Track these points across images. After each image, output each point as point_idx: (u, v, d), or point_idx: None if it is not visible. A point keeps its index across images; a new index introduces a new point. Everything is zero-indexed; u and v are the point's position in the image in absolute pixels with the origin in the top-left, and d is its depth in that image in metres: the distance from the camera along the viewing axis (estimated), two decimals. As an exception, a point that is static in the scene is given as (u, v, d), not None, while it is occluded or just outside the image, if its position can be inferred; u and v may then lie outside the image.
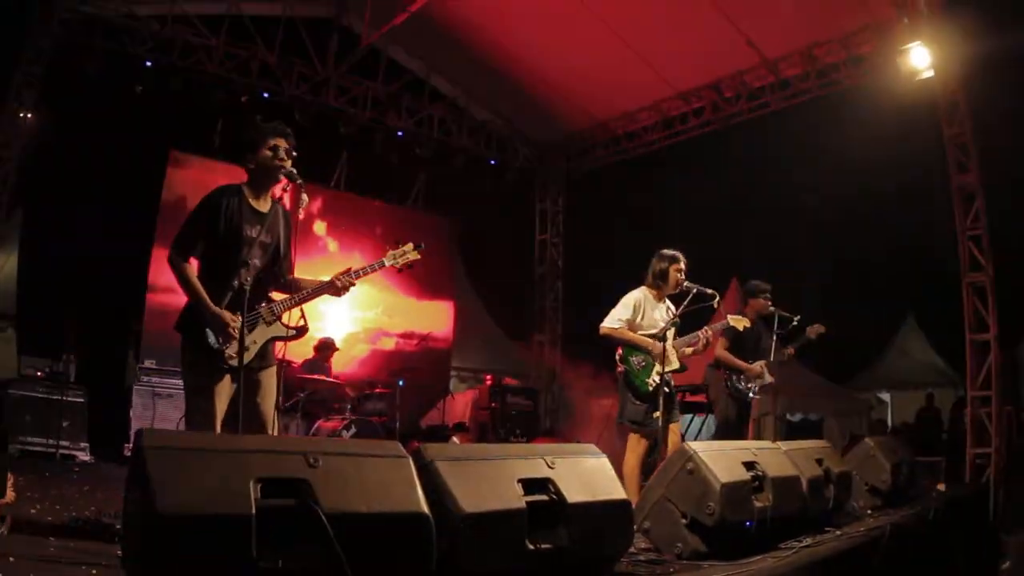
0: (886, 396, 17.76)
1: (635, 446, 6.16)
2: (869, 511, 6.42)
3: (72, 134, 10.68)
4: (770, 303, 7.56)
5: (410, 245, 4.64)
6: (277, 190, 4.41)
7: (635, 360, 6.23)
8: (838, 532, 5.26)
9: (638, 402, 6.16)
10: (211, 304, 4.08)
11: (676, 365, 6.23)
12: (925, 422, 14.71)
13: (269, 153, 4.29)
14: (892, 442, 7.49)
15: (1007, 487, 5.59)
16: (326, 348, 10.21)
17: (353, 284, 4.43)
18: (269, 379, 4.33)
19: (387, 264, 4.60)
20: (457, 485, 2.98)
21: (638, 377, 6.18)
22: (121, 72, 11.16)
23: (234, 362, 4.04)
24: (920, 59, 10.12)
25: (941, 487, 8.81)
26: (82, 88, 10.86)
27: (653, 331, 6.25)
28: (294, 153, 4.35)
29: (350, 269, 4.44)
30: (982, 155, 10.11)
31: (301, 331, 4.39)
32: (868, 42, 10.98)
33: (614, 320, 6.33)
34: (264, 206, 4.36)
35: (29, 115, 10.22)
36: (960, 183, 10.20)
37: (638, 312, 6.33)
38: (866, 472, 6.76)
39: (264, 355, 4.30)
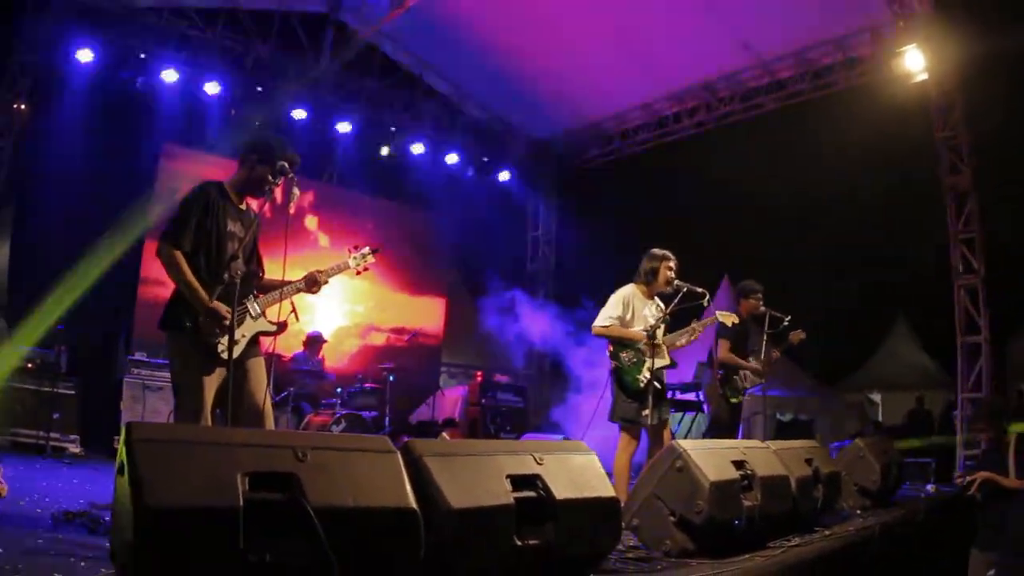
0: (877, 397, 17.81)
1: (626, 444, 6.13)
2: (858, 511, 6.43)
3: (65, 124, 10.62)
4: (761, 303, 7.57)
5: (367, 248, 4.91)
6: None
7: (626, 357, 6.21)
8: (827, 532, 5.26)
9: (629, 399, 6.14)
10: (207, 298, 4.08)
11: (667, 361, 6.23)
12: (915, 423, 14.74)
13: (270, 176, 4.34)
14: (882, 443, 7.50)
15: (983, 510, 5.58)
16: (315, 342, 10.20)
17: (326, 282, 4.58)
18: (257, 368, 4.37)
19: (351, 266, 4.84)
20: (445, 481, 2.98)
21: (629, 373, 6.17)
22: (116, 63, 11.18)
23: (224, 355, 4.05)
24: (915, 62, 10.15)
25: (931, 488, 8.86)
26: (76, 78, 10.85)
27: (643, 328, 6.25)
28: (292, 175, 4.38)
29: (318, 270, 4.57)
30: (976, 157, 10.15)
31: (282, 326, 4.49)
32: (863, 44, 11.01)
33: (605, 318, 6.32)
34: (242, 204, 4.49)
35: (23, 106, 10.19)
36: (952, 184, 10.23)
37: (628, 309, 6.32)
38: (855, 472, 6.77)
39: (251, 346, 4.35)
